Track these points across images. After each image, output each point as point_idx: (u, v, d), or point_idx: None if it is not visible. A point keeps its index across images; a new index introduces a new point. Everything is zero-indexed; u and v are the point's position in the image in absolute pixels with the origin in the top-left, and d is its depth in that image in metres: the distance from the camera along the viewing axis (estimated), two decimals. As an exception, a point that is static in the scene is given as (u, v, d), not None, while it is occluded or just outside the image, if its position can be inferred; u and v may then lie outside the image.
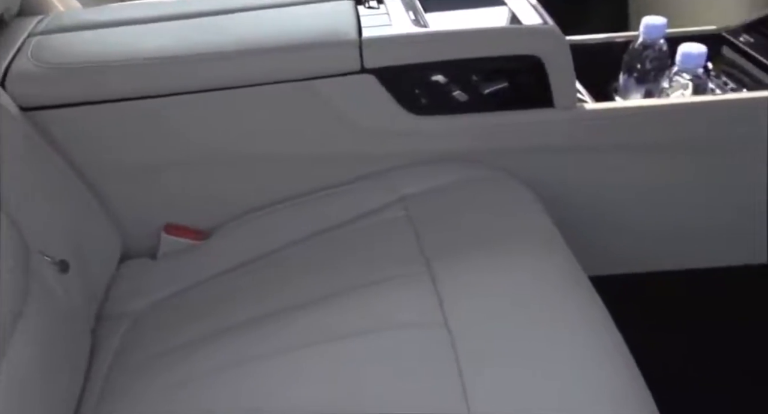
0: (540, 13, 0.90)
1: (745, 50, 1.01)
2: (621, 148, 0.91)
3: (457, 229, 0.80)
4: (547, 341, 0.65)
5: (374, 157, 0.90)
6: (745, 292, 0.99)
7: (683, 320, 1.00)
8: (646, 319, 0.91)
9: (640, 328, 0.76)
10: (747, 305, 1.00)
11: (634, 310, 0.89)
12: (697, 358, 1.00)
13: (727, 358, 1.00)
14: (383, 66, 0.85)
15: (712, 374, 1.00)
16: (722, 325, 1.00)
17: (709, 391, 0.98)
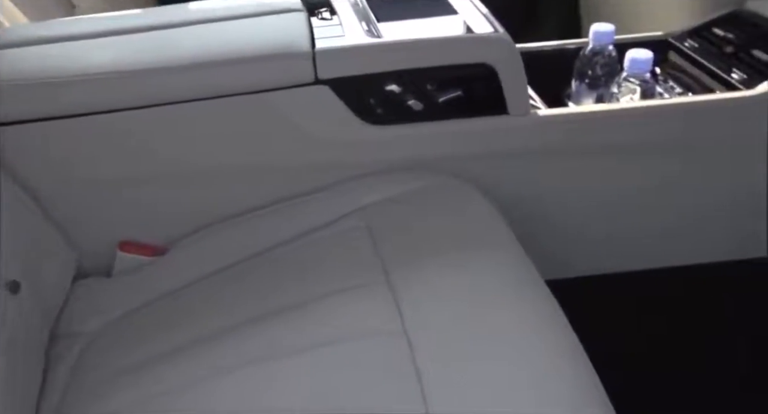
0: (491, 22, 0.92)
1: (690, 55, 1.04)
2: (574, 153, 0.92)
3: (415, 238, 0.81)
4: (504, 344, 0.66)
5: (331, 167, 0.90)
6: (707, 290, 1.02)
7: (639, 321, 1.02)
8: (602, 321, 0.93)
9: (597, 330, 0.78)
10: (708, 304, 1.03)
11: (591, 312, 0.90)
12: (654, 358, 1.02)
13: (684, 357, 1.03)
14: (337, 77, 0.85)
15: (670, 373, 1.02)
16: (679, 325, 1.02)
17: (667, 390, 1.00)
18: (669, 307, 1.02)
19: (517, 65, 0.89)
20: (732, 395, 1.03)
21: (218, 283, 0.81)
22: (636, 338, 1.01)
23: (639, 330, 1.01)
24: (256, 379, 0.66)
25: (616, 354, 0.97)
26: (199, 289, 0.81)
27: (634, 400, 0.90)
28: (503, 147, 0.91)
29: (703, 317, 1.03)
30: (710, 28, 1.05)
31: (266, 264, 0.83)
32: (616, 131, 0.92)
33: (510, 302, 0.71)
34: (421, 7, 0.99)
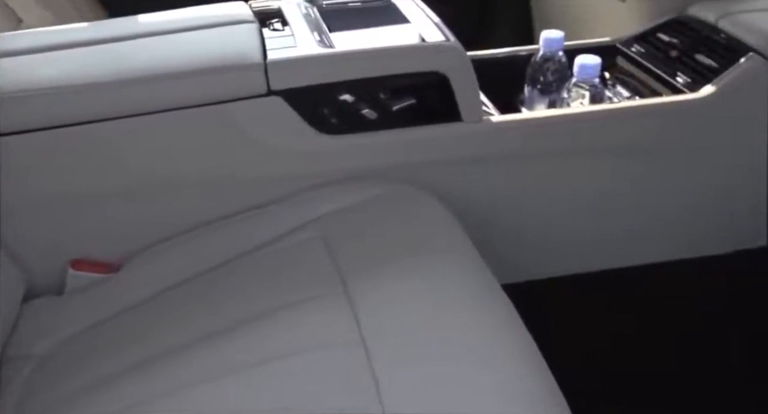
0: (443, 31, 0.93)
1: (637, 60, 1.07)
2: (527, 157, 0.94)
3: (372, 246, 0.81)
4: (461, 348, 0.66)
5: (287, 178, 0.89)
6: (667, 288, 1.04)
7: (593, 322, 1.03)
8: (561, 322, 0.94)
9: (552, 332, 0.79)
10: (667, 302, 1.05)
11: (549, 314, 0.92)
12: (610, 358, 1.04)
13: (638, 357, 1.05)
14: (290, 88, 0.85)
15: (630, 372, 1.04)
16: (632, 325, 1.04)
17: (629, 388, 1.02)
18: (627, 307, 1.04)
19: (468, 73, 0.90)
20: (701, 392, 1.05)
21: (173, 300, 0.80)
22: (594, 338, 1.03)
23: (597, 330, 1.03)
24: (214, 395, 0.65)
25: (576, 354, 0.99)
26: (153, 306, 0.80)
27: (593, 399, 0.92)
28: (457, 153, 0.92)
29: (663, 315, 1.06)
30: (655, 34, 1.08)
31: (221, 278, 0.82)
32: (567, 135, 0.94)
33: (466, 307, 0.72)
34: (373, 16, 0.99)
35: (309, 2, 1.02)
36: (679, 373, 1.05)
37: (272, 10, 1.00)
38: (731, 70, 0.94)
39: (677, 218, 1.00)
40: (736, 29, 0.99)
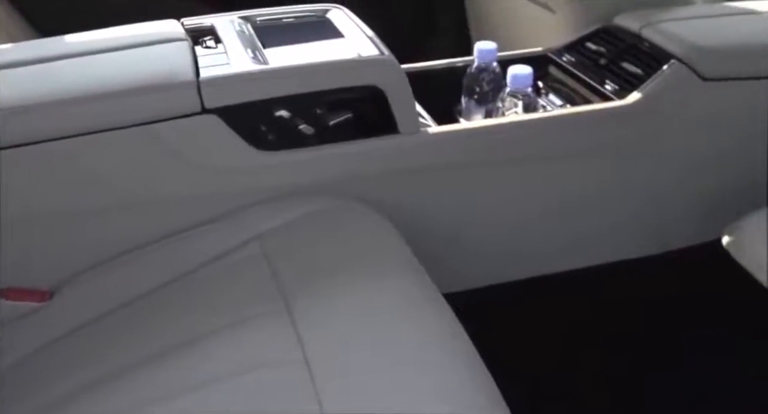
0: (377, 45, 0.94)
1: (568, 69, 1.10)
2: (465, 167, 0.95)
3: (313, 262, 0.81)
4: (403, 361, 0.66)
5: (226, 196, 0.89)
6: (613, 290, 1.07)
7: (540, 327, 1.06)
8: (502, 329, 0.96)
9: (496, 338, 0.80)
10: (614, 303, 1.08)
11: (492, 321, 0.93)
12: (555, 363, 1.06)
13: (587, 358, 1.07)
14: (224, 105, 0.84)
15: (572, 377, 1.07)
16: (575, 329, 1.07)
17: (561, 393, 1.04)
18: (570, 310, 1.07)
19: (403, 86, 0.91)
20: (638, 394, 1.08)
21: (109, 325, 0.78)
22: (535, 342, 1.05)
23: (539, 334, 1.05)
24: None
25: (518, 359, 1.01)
26: (89, 332, 0.78)
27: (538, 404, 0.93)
28: (396, 165, 0.93)
29: (606, 317, 1.08)
30: (584, 43, 1.12)
31: (161, 300, 0.80)
32: (503, 144, 0.95)
33: (409, 320, 0.72)
34: (307, 31, 0.99)
35: (243, 19, 1.01)
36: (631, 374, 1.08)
37: (205, 27, 0.99)
38: (655, 77, 0.98)
39: (613, 220, 1.03)
40: (659, 38, 1.03)
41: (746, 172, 1.04)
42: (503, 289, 1.02)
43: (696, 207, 1.05)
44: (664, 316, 1.08)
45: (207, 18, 1.01)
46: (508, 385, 0.68)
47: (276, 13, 1.04)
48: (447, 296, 0.80)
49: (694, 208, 1.05)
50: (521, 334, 1.06)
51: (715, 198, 1.04)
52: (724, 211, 0.97)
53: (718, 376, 1.04)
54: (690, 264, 1.03)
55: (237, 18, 1.01)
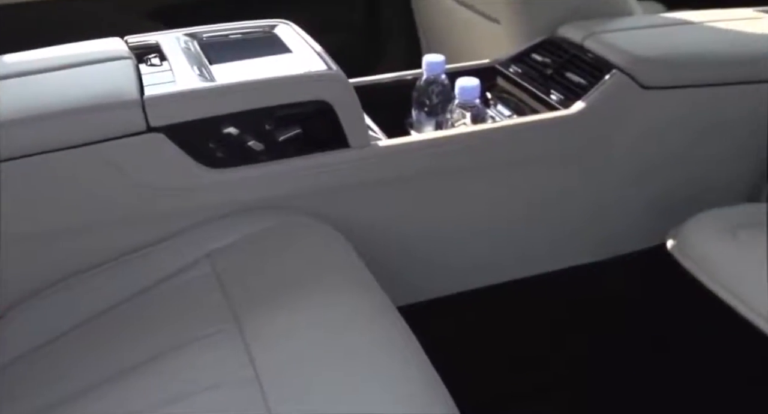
0: (325, 60, 0.94)
1: (515, 79, 1.12)
2: (416, 179, 0.96)
3: (265, 279, 0.80)
4: (356, 375, 0.66)
5: (175, 215, 0.87)
6: (567, 296, 1.09)
7: (495, 333, 1.07)
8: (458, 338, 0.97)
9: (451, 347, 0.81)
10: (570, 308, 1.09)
11: (447, 331, 0.94)
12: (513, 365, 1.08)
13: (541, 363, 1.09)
14: (170, 123, 0.84)
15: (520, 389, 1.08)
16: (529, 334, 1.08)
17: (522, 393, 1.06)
18: (524, 315, 1.08)
19: (352, 100, 0.91)
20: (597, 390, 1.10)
21: (57, 351, 0.76)
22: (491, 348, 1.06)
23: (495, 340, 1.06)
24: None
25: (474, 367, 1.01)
26: (35, 358, 0.76)
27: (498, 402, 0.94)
28: (348, 179, 0.93)
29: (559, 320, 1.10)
30: (530, 54, 1.14)
31: (109, 323, 0.79)
32: (452, 155, 0.96)
33: (362, 334, 0.72)
34: (255, 47, 0.99)
35: (189, 36, 1.01)
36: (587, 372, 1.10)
37: (150, 45, 0.98)
38: (598, 86, 1.00)
39: (562, 227, 1.05)
40: (600, 48, 1.06)
41: (690, 177, 1.08)
42: (458, 299, 1.03)
43: (643, 212, 1.08)
44: (615, 319, 1.10)
45: (152, 35, 1.00)
46: (467, 390, 0.68)
47: (223, 29, 1.03)
48: (403, 308, 0.81)
49: (641, 213, 1.08)
50: (478, 341, 1.07)
51: (661, 202, 1.07)
52: (670, 215, 1.00)
53: (668, 374, 1.07)
54: (638, 268, 1.06)
55: (182, 35, 1.01)
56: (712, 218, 0.90)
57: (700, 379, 1.03)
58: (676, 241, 0.91)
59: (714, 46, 1.08)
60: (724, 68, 1.04)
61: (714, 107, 1.05)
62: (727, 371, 1.00)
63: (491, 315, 1.06)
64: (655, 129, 1.04)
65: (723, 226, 0.88)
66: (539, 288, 1.07)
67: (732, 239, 0.85)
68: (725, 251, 0.84)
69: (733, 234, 0.86)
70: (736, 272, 0.83)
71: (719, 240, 0.85)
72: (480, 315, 1.07)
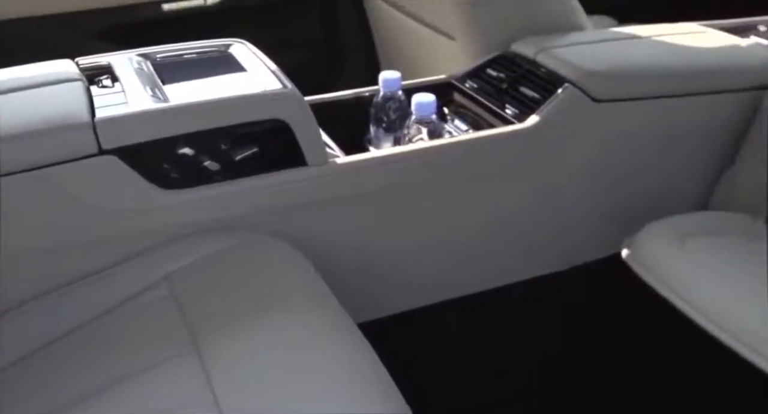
0: (280, 78, 0.94)
1: (470, 94, 1.13)
2: (374, 195, 0.96)
3: (224, 300, 0.79)
4: (317, 394, 0.66)
5: (131, 238, 0.86)
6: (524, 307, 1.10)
7: (456, 349, 1.07)
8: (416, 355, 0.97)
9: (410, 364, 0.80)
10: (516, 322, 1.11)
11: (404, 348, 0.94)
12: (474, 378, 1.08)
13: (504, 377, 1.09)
14: (123, 145, 0.83)
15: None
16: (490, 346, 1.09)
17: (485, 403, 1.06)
18: (484, 328, 1.09)
19: (308, 118, 0.91)
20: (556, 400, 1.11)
21: (10, 377, 0.74)
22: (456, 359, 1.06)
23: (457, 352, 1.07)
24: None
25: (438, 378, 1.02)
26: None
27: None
28: (306, 198, 0.93)
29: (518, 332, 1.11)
30: (484, 69, 1.16)
31: (64, 350, 0.77)
32: (410, 170, 0.97)
33: (322, 353, 0.71)
34: (209, 67, 0.99)
35: (142, 56, 1.00)
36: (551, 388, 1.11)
37: (101, 66, 0.97)
38: (551, 100, 1.02)
39: (520, 240, 1.06)
40: (553, 63, 1.08)
41: (644, 187, 1.10)
42: (419, 314, 1.03)
43: (599, 222, 1.09)
44: (575, 327, 1.12)
45: (104, 56, 0.99)
46: (429, 404, 0.68)
47: (177, 49, 1.03)
48: (364, 325, 0.81)
49: (598, 224, 1.09)
50: (440, 355, 1.07)
51: (617, 212, 1.09)
52: (626, 225, 1.02)
53: (628, 378, 1.08)
54: (596, 277, 1.08)
55: (135, 55, 1.00)
56: (663, 227, 0.93)
57: (657, 382, 1.05)
58: (629, 250, 0.93)
59: (662, 60, 1.11)
60: (672, 81, 1.07)
61: (664, 119, 1.08)
62: (681, 373, 1.02)
63: (453, 329, 1.07)
64: (608, 141, 1.06)
65: (673, 234, 0.90)
66: (499, 301, 1.08)
67: (681, 247, 0.87)
68: (674, 258, 0.86)
69: (682, 242, 0.88)
70: (684, 278, 0.85)
71: (669, 248, 0.87)
72: (441, 329, 1.08)
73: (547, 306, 1.08)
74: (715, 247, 0.89)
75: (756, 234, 0.93)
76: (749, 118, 1.07)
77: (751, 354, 0.76)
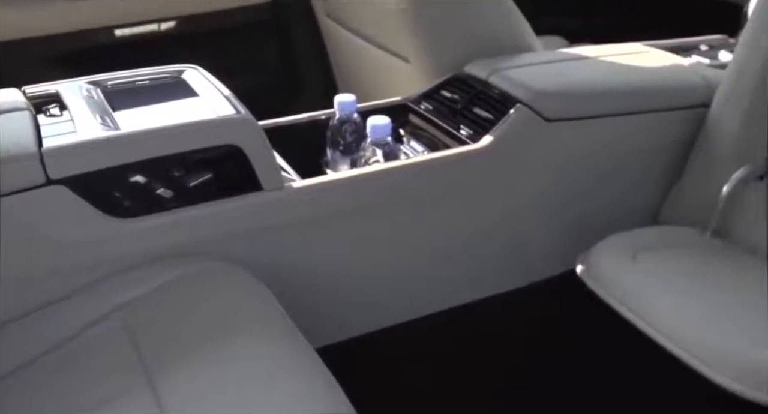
0: (233, 104, 0.93)
1: (426, 116, 1.15)
2: (332, 218, 0.96)
3: (178, 331, 0.78)
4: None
5: (83, 269, 0.84)
6: (469, 329, 1.10)
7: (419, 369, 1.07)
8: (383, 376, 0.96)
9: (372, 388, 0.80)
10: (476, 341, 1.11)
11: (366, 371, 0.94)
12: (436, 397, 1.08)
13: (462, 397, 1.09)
14: (72, 175, 0.81)
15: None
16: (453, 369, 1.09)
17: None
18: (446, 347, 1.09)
19: (263, 143, 0.91)
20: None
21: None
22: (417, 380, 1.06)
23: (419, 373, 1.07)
24: None
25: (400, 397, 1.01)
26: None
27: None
28: (263, 223, 0.92)
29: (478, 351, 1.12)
30: (439, 91, 1.17)
31: (13, 386, 0.74)
32: (367, 193, 0.97)
33: (279, 384, 0.70)
34: (162, 93, 0.98)
35: (92, 84, 0.98)
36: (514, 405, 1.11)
37: (49, 94, 0.95)
38: (504, 120, 1.04)
39: (479, 258, 1.07)
40: (505, 84, 1.10)
41: (599, 203, 1.12)
42: (382, 335, 1.03)
43: (556, 238, 1.11)
44: (534, 343, 1.13)
45: (52, 85, 0.97)
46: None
47: (128, 76, 1.01)
48: (324, 349, 0.80)
49: (555, 240, 1.11)
50: (403, 376, 1.07)
51: (573, 229, 1.11)
52: (582, 240, 1.04)
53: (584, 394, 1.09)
54: (554, 293, 1.09)
55: (85, 83, 0.98)
56: (614, 242, 0.95)
57: (614, 395, 1.06)
58: (584, 266, 0.95)
59: (609, 80, 1.14)
60: (620, 100, 1.10)
61: (614, 136, 1.10)
62: (637, 387, 1.04)
63: (417, 348, 1.06)
64: (561, 159, 1.08)
65: (624, 249, 0.92)
66: (461, 319, 1.08)
67: (632, 261, 0.89)
68: (626, 273, 0.88)
69: (633, 256, 0.90)
70: (635, 291, 0.87)
71: (621, 262, 0.89)
72: (406, 349, 1.08)
73: (508, 322, 1.09)
74: (664, 261, 0.91)
75: (704, 246, 0.96)
76: (694, 134, 1.11)
77: (700, 365, 0.78)
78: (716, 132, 1.06)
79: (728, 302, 0.86)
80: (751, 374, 0.77)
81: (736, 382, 0.76)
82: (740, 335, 0.81)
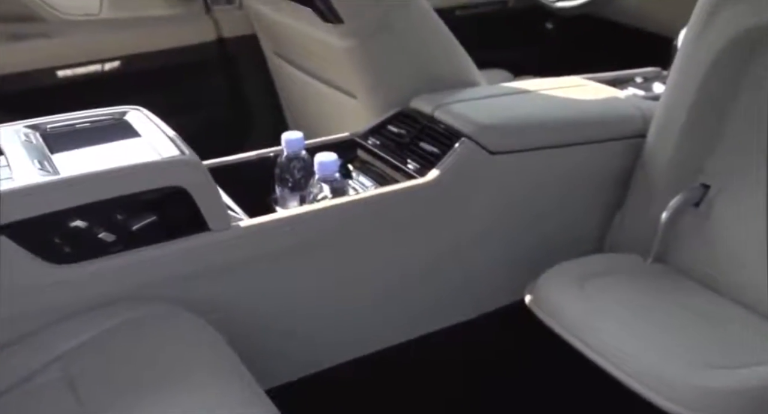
0: (177, 144, 0.92)
1: (374, 151, 1.16)
2: (283, 256, 0.95)
3: (122, 378, 0.76)
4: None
5: (21, 319, 0.81)
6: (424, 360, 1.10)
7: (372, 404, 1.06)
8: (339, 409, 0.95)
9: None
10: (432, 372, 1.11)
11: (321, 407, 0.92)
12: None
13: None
14: (9, 222, 0.79)
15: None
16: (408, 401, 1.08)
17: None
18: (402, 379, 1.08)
19: (208, 183, 0.90)
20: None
21: None
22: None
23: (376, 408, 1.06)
24: None
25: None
26: None
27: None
28: (210, 263, 0.91)
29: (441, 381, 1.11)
30: (386, 126, 1.19)
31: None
32: (315, 229, 0.97)
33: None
34: (104, 135, 0.96)
35: (30, 127, 0.96)
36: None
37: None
38: (449, 154, 1.05)
39: (430, 291, 1.08)
40: (450, 118, 1.12)
41: (546, 233, 1.14)
42: (336, 372, 1.02)
43: (504, 270, 1.12)
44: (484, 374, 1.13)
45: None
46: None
47: (69, 118, 1.00)
48: (274, 390, 0.78)
49: (503, 271, 1.12)
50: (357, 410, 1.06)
51: (521, 260, 1.12)
52: (531, 271, 1.05)
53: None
54: (504, 323, 1.10)
55: (23, 127, 0.96)
56: (562, 271, 0.96)
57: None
58: (532, 295, 0.96)
59: (550, 112, 1.17)
60: (561, 132, 1.13)
61: (557, 167, 1.13)
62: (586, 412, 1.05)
63: (367, 384, 1.06)
64: (507, 191, 1.10)
65: (571, 278, 0.94)
66: (411, 353, 1.08)
67: (578, 289, 0.91)
68: (573, 301, 0.90)
69: (580, 285, 0.92)
70: (582, 319, 0.88)
71: (567, 290, 0.91)
72: (356, 385, 1.06)
73: (459, 354, 1.09)
74: (609, 288, 0.93)
75: (646, 272, 0.98)
76: (633, 164, 1.14)
77: (648, 392, 0.79)
78: (652, 161, 1.10)
79: (671, 327, 0.88)
80: (695, 399, 0.79)
81: (681, 407, 0.78)
82: (682, 360, 0.83)
